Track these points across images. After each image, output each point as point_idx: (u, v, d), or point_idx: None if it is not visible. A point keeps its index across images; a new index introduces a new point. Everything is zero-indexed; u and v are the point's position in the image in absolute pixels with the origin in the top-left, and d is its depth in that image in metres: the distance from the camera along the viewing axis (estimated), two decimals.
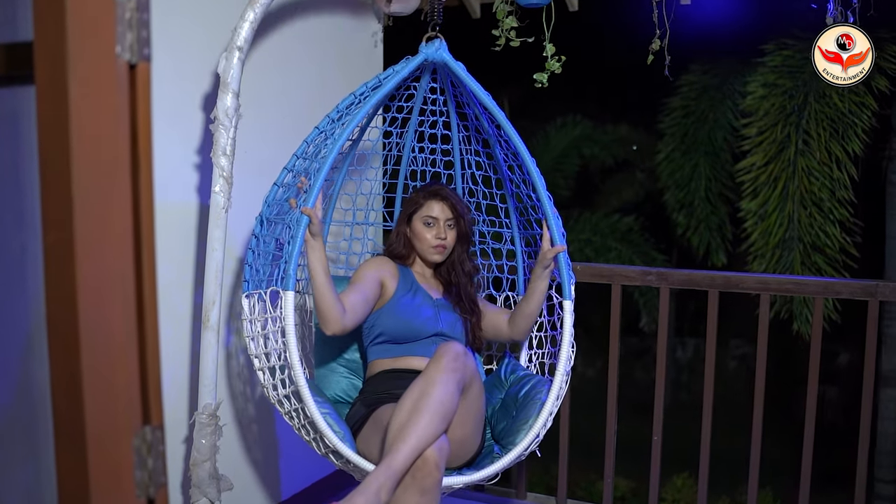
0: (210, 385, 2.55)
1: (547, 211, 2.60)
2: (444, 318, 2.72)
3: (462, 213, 2.76)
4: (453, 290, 2.81)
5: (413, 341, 2.67)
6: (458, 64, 2.66)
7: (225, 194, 2.48)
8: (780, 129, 6.32)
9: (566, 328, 2.56)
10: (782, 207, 6.36)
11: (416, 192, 2.81)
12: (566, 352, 2.54)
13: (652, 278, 3.25)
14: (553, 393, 2.49)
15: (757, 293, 3.15)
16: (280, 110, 3.13)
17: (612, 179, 10.41)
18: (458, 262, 2.82)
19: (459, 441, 2.36)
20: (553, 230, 2.58)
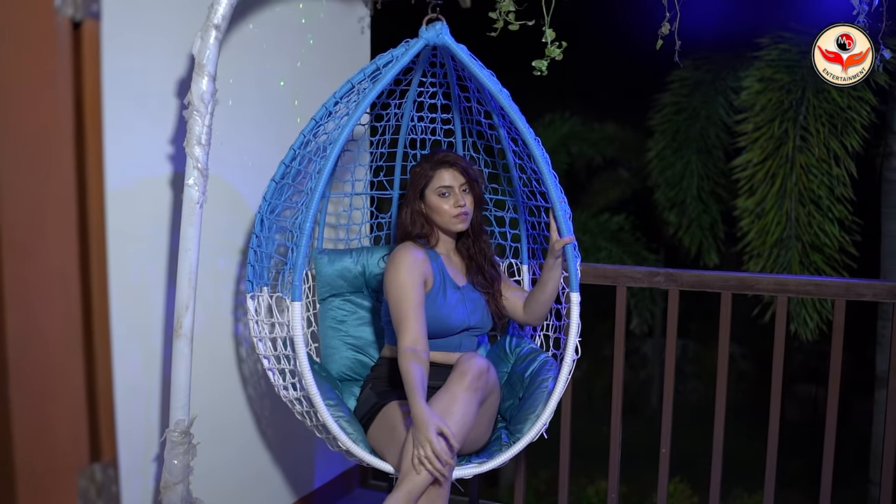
0: (182, 399, 2.33)
1: (554, 201, 2.49)
2: (472, 310, 2.64)
3: (474, 176, 2.64)
4: (474, 265, 2.71)
5: (440, 337, 2.60)
6: (460, 47, 2.50)
7: (200, 188, 2.25)
8: (777, 124, 6.15)
9: (573, 319, 2.53)
10: (780, 205, 6.20)
11: (421, 165, 2.65)
12: (573, 343, 2.52)
13: (660, 279, 3.04)
14: (560, 383, 2.51)
15: (772, 295, 2.94)
16: (261, 97, 2.91)
17: (601, 178, 10.24)
18: (475, 232, 2.72)
19: (472, 439, 2.42)
20: (560, 221, 2.49)
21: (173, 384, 2.32)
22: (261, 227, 2.60)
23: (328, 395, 2.46)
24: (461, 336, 2.63)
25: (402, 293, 2.44)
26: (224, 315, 2.80)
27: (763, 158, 6.25)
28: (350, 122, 2.40)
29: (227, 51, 2.66)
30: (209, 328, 2.74)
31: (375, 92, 2.41)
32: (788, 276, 2.96)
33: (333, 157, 2.39)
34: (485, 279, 2.69)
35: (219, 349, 2.80)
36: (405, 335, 2.39)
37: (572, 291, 2.54)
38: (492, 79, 2.50)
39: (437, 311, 2.55)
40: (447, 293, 2.60)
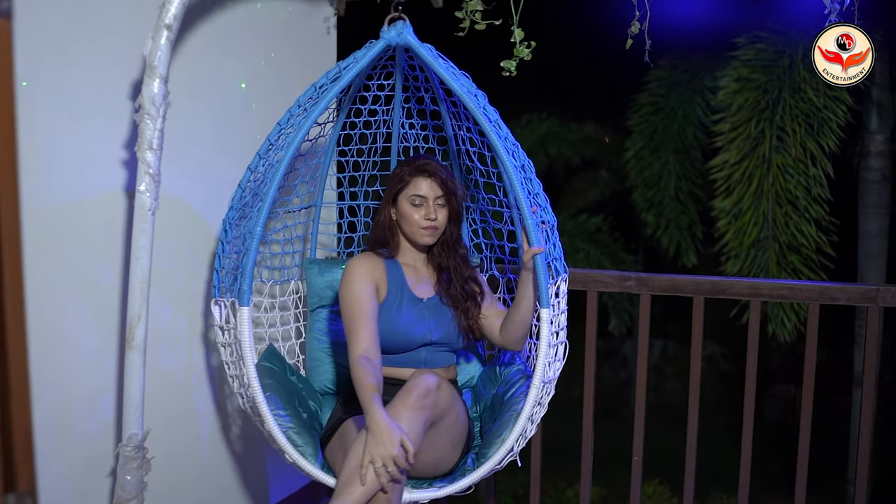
0: (136, 413, 2.25)
1: (522, 208, 2.28)
2: (435, 325, 2.52)
3: (453, 190, 2.52)
4: (444, 277, 2.58)
5: (399, 352, 2.50)
6: (424, 46, 2.39)
7: (151, 194, 2.17)
8: (753, 124, 6.11)
9: (542, 339, 2.30)
10: (757, 206, 6.15)
11: (401, 168, 2.55)
12: (542, 365, 2.31)
13: (631, 284, 2.98)
14: (528, 407, 2.31)
15: (746, 299, 2.89)
16: (223, 100, 2.83)
17: (579, 178, 10.17)
18: (452, 244, 2.59)
19: (431, 463, 2.32)
20: (529, 229, 2.28)
21: (126, 397, 2.25)
22: (226, 234, 2.55)
23: (278, 406, 2.37)
24: (423, 352, 2.52)
25: (352, 303, 2.38)
26: (190, 324, 2.73)
27: (740, 159, 6.20)
28: (301, 129, 2.33)
29: (183, 52, 2.58)
30: (173, 337, 2.66)
31: (330, 97, 2.33)
32: (762, 280, 2.90)
33: (286, 161, 2.32)
34: (456, 293, 2.55)
35: (183, 358, 2.72)
36: (355, 344, 2.32)
37: (542, 308, 2.30)
38: (459, 80, 2.38)
39: (391, 323, 2.46)
40: (404, 305, 2.50)
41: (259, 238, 2.30)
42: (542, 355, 2.30)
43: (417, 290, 2.55)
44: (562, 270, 2.45)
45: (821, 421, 9.30)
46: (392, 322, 2.45)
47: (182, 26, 2.53)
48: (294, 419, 2.39)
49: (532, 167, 2.47)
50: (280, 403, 2.39)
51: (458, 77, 2.42)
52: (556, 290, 2.39)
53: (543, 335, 2.30)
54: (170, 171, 2.36)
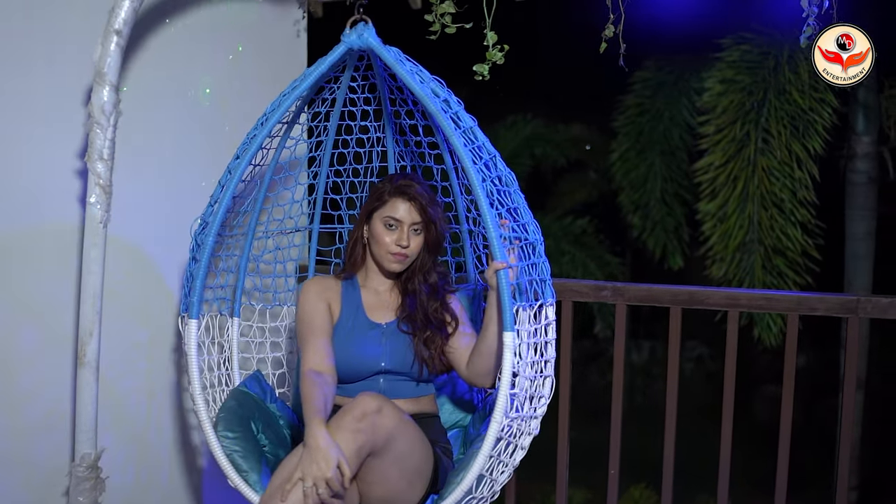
0: (89, 432, 2.17)
1: (486, 219, 2.00)
2: (389, 352, 2.33)
3: (433, 218, 2.32)
4: (409, 301, 2.37)
5: (351, 381, 2.32)
6: (389, 49, 2.22)
7: (102, 206, 2.10)
8: (739, 126, 6.03)
9: (505, 368, 1.98)
10: (742, 209, 6.08)
11: (383, 184, 2.37)
12: (504, 395, 1.98)
13: (607, 293, 2.90)
14: (486, 445, 2.01)
15: (724, 310, 2.82)
16: (185, 108, 2.74)
17: (564, 180, 10.09)
18: (420, 271, 2.38)
19: (381, 498, 2.09)
20: (492, 243, 2.00)
21: (78, 415, 2.17)
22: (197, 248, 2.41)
23: (229, 428, 2.23)
24: (381, 380, 2.33)
25: (302, 321, 2.29)
26: (151, 340, 2.65)
27: (725, 161, 6.12)
28: (255, 142, 2.23)
29: (142, 59, 2.51)
30: (133, 354, 2.58)
31: (287, 104, 2.22)
32: (740, 290, 2.83)
33: (241, 168, 2.22)
34: (417, 320, 2.34)
35: (142, 376, 2.64)
36: (306, 358, 2.22)
37: (505, 331, 1.97)
38: (426, 85, 2.18)
39: (341, 347, 2.31)
40: (356, 330, 2.34)
41: (210, 249, 2.22)
42: (503, 385, 1.98)
43: (374, 315, 2.39)
44: (548, 295, 2.18)
45: (810, 422, 9.28)
46: (342, 347, 2.30)
47: (141, 31, 2.46)
48: (243, 443, 2.24)
49: (513, 179, 2.19)
50: (232, 425, 2.25)
51: (428, 82, 2.23)
52: (533, 314, 2.11)
53: (507, 364, 1.98)
54: (130, 182, 2.29)
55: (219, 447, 2.18)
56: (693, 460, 2.93)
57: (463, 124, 2.17)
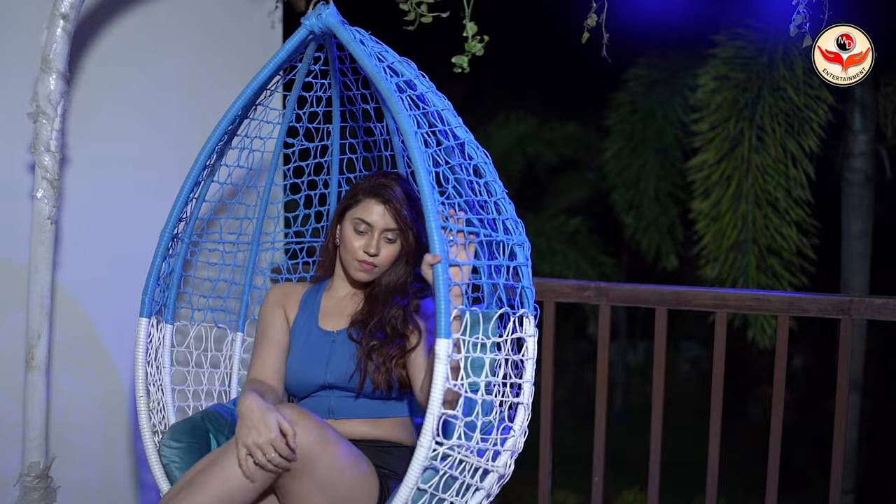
0: (37, 439, 2.06)
1: (426, 204, 1.69)
2: (334, 365, 2.06)
3: (410, 225, 2.06)
4: (365, 310, 2.09)
5: (303, 397, 2.11)
6: (350, 30, 1.97)
7: (50, 201, 1.98)
8: (732, 124, 5.92)
9: (436, 382, 1.61)
10: (736, 208, 5.96)
11: (363, 181, 2.14)
12: (434, 415, 1.62)
13: (590, 294, 2.79)
14: (409, 477, 1.66)
15: (712, 311, 2.71)
16: (150, 102, 2.62)
17: (557, 179, 10.00)
18: (394, 287, 2.10)
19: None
20: (430, 234, 1.68)
21: (26, 422, 2.06)
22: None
23: (180, 436, 2.04)
24: (330, 398, 2.07)
25: (257, 331, 2.16)
26: (110, 341, 2.53)
27: (718, 159, 6.01)
28: (219, 127, 2.08)
29: (104, 47, 2.41)
30: (88, 356, 2.46)
31: (247, 95, 2.08)
32: (728, 290, 2.72)
33: (200, 162, 2.09)
34: (370, 326, 2.05)
35: (99, 379, 2.52)
36: (250, 370, 2.09)
37: (438, 338, 1.63)
38: (383, 64, 1.92)
39: (290, 358, 2.12)
40: (301, 338, 2.13)
41: (165, 246, 2.11)
42: (432, 402, 1.62)
43: (327, 322, 2.15)
44: (524, 304, 1.89)
45: (807, 423, 9.17)
46: (291, 358, 2.12)
47: (103, 19, 2.35)
48: (187, 454, 2.03)
49: (488, 171, 1.93)
50: (181, 435, 2.06)
51: (392, 62, 1.97)
52: (492, 325, 1.85)
53: (437, 378, 1.61)
54: (89, 180, 2.17)
55: (154, 454, 2.02)
56: (690, 462, 2.83)
57: (427, 107, 1.94)
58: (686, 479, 5.79)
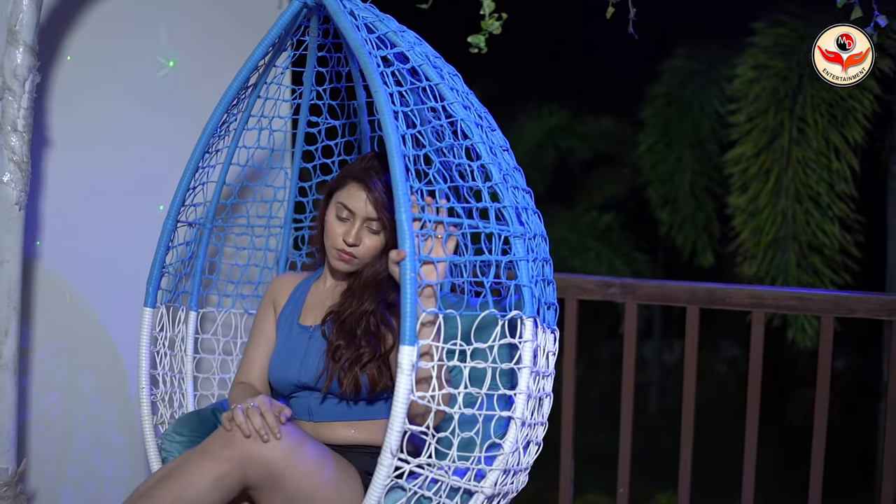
0: (6, 444, 1.90)
1: (397, 194, 1.50)
2: (308, 364, 1.89)
3: (388, 217, 1.84)
4: (343, 302, 1.91)
5: (286, 396, 1.96)
6: (340, 1, 1.76)
7: (17, 186, 1.82)
8: (772, 115, 5.73)
9: (399, 395, 1.44)
10: (775, 203, 5.79)
11: (354, 162, 1.96)
12: (395, 434, 1.44)
13: (615, 291, 2.58)
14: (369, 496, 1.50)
15: (748, 310, 2.49)
16: (146, 82, 2.46)
17: (591, 173, 9.81)
18: (376, 282, 1.91)
19: None
20: (401, 224, 1.49)
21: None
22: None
23: (184, 429, 1.96)
24: (309, 399, 1.90)
25: (253, 325, 2.08)
26: (92, 339, 2.38)
27: (757, 152, 5.86)
28: (215, 114, 1.95)
29: (93, 24, 2.26)
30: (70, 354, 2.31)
31: (243, 75, 1.94)
32: (766, 287, 2.50)
33: (200, 146, 1.97)
34: (342, 329, 1.87)
35: (84, 377, 2.37)
36: (238, 373, 2.02)
37: (402, 344, 1.45)
38: (370, 39, 1.72)
39: (273, 353, 1.99)
40: (287, 332, 1.99)
41: (168, 235, 2.00)
42: (393, 413, 1.43)
43: (307, 316, 1.99)
44: (524, 306, 1.62)
45: (851, 427, 8.89)
46: (277, 345, 2.00)
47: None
48: (189, 446, 1.91)
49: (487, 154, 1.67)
50: (185, 427, 1.98)
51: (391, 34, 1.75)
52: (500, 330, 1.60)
53: (400, 390, 1.43)
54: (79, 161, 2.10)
55: (153, 447, 1.98)
56: (726, 464, 2.68)
57: (419, 82, 1.70)
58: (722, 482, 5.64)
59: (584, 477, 3.19)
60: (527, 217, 1.69)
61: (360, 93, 2.26)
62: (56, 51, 2.21)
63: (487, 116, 1.79)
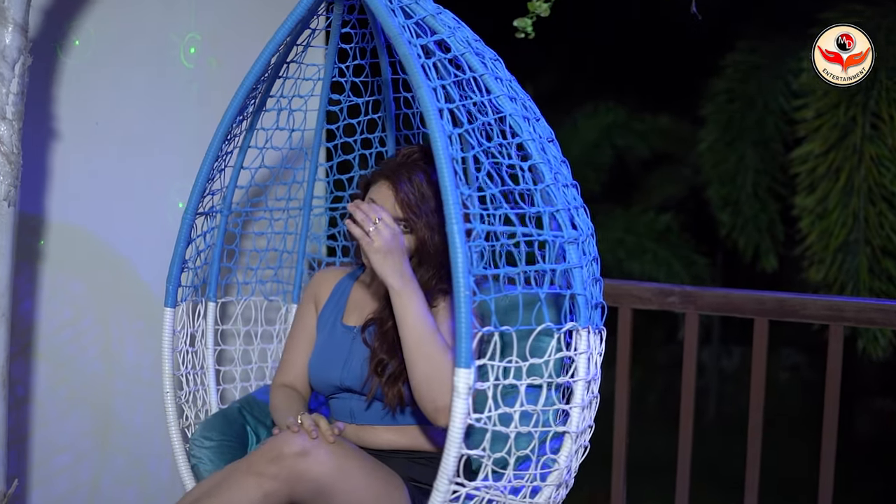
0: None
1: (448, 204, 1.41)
2: (351, 366, 1.85)
3: (419, 220, 1.78)
4: (380, 306, 1.87)
5: (328, 397, 1.94)
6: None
7: (6, 180, 1.66)
8: (843, 110, 5.42)
9: (454, 426, 1.39)
10: (845, 204, 5.47)
11: (390, 158, 1.94)
12: (451, 459, 1.41)
13: (675, 300, 2.34)
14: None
15: (824, 323, 2.24)
16: (163, 68, 2.31)
17: (648, 173, 9.56)
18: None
19: None
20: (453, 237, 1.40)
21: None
22: None
23: (212, 432, 1.92)
24: (351, 401, 1.87)
25: (292, 326, 2.05)
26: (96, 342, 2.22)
27: (826, 149, 5.56)
28: (238, 94, 1.82)
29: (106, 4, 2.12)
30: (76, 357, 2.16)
31: (264, 59, 1.80)
32: (845, 299, 2.25)
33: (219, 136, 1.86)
34: (385, 344, 1.82)
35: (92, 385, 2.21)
36: (278, 373, 2.00)
37: (458, 367, 1.39)
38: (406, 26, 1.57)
39: (316, 350, 1.95)
40: (327, 333, 1.95)
41: (187, 231, 1.92)
42: (452, 443, 1.39)
43: (351, 316, 1.95)
44: (575, 316, 1.59)
45: None
46: (313, 352, 1.96)
47: None
48: (218, 454, 1.90)
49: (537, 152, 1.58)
50: (213, 431, 1.94)
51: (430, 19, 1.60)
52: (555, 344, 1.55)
53: (457, 414, 1.38)
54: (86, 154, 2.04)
55: (182, 454, 1.92)
56: (789, 476, 2.47)
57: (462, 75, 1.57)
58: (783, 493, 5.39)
59: (639, 485, 3.02)
60: (577, 217, 1.62)
61: (385, 69, 2.16)
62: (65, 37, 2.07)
63: (532, 106, 1.68)
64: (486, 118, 1.57)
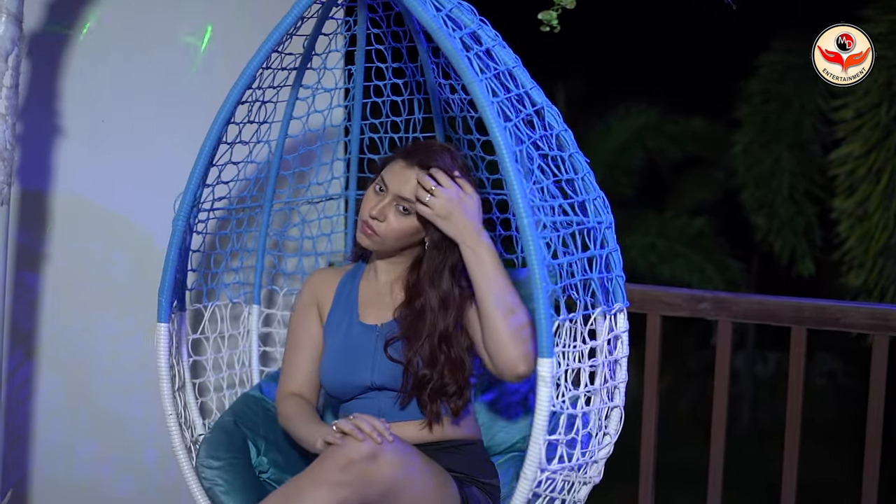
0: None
1: (517, 200, 1.47)
2: (382, 364, 1.82)
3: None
4: (417, 305, 1.81)
5: (345, 399, 1.89)
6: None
7: (1, 175, 1.57)
8: (884, 110, 5.35)
9: (539, 415, 1.48)
10: (886, 206, 5.41)
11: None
12: (539, 444, 1.49)
13: (706, 307, 2.22)
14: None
15: (867, 333, 2.11)
16: (172, 62, 2.24)
17: (681, 176, 9.44)
18: (430, 276, 1.79)
19: None
20: (525, 231, 1.47)
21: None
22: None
23: (218, 451, 1.85)
24: (379, 398, 1.84)
25: (289, 329, 1.98)
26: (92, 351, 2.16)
27: (866, 151, 5.53)
28: (238, 84, 1.77)
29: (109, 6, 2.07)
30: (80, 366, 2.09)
31: (268, 47, 1.74)
32: (891, 307, 2.11)
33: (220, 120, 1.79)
34: (412, 342, 1.79)
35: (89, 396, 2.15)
36: (281, 379, 1.93)
37: (541, 357, 1.49)
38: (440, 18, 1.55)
39: (329, 351, 1.89)
40: (344, 332, 1.89)
41: (180, 233, 1.82)
42: (538, 431, 1.48)
43: (368, 314, 1.89)
44: (616, 297, 1.70)
45: None
46: (328, 354, 1.89)
47: None
48: (230, 473, 1.83)
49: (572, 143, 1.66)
50: (218, 450, 1.86)
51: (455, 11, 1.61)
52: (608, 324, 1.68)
53: (541, 403, 1.46)
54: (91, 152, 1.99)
55: (194, 479, 1.83)
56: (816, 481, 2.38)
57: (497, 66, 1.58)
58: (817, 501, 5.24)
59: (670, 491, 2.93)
60: (603, 205, 1.69)
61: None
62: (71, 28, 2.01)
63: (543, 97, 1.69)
64: (527, 111, 1.59)
